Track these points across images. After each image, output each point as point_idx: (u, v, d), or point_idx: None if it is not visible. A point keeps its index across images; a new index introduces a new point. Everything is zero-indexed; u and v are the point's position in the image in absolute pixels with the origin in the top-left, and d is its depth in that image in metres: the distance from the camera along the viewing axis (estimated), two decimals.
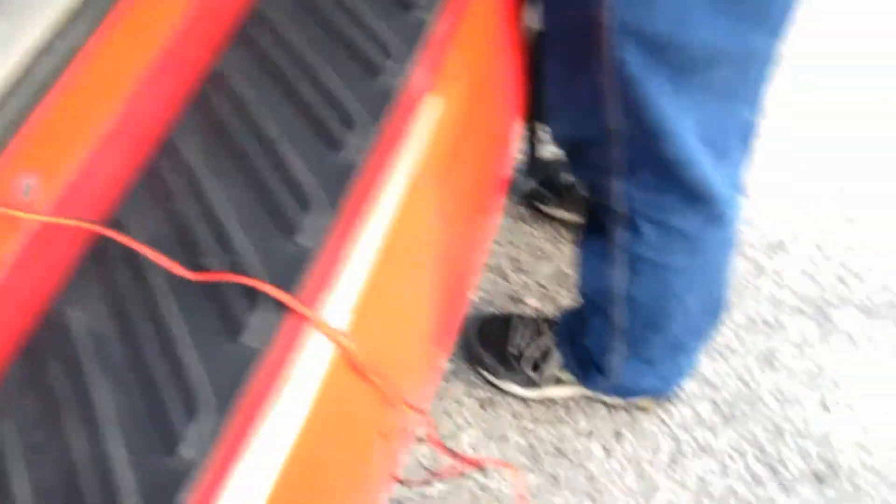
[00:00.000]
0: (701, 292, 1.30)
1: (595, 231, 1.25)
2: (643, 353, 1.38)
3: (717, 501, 1.50)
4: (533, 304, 1.71)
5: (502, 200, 1.21)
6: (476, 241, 1.07)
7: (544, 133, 1.27)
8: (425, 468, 1.50)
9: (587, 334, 1.41)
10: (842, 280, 1.72)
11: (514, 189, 1.81)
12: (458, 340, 1.62)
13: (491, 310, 1.67)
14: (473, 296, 1.74)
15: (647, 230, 1.19)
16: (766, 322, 1.68)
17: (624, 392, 1.52)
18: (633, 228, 1.19)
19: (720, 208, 1.16)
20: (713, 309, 1.36)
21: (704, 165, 1.08)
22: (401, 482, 1.42)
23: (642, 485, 1.51)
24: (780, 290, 1.71)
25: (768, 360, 1.63)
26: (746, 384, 1.61)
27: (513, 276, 1.76)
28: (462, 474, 1.47)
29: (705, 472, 1.53)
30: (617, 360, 1.39)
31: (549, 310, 1.67)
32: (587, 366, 1.46)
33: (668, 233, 1.19)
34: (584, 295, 1.36)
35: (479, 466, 1.45)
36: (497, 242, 1.80)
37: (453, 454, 1.39)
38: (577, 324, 1.44)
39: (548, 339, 1.55)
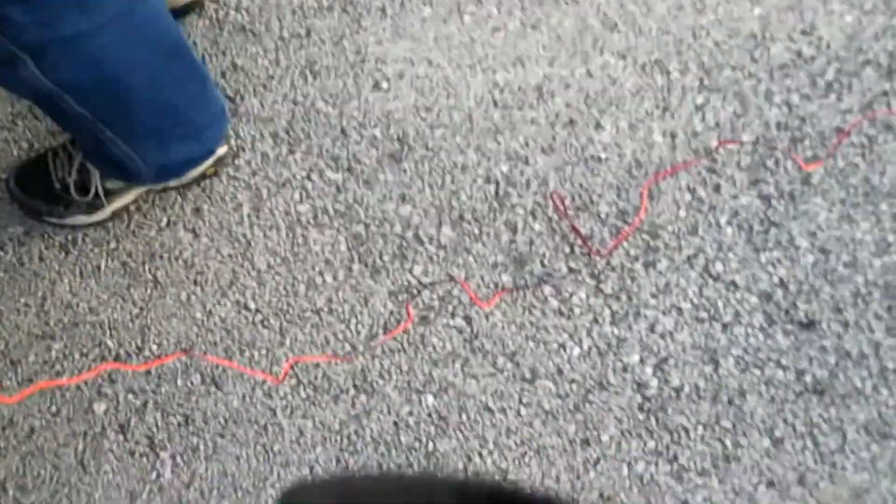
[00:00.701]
0: (140, 42, 1.19)
1: None
2: (137, 128, 1.28)
3: (309, 226, 1.48)
4: None
5: None
6: None
7: None
8: None
9: (79, 137, 1.30)
10: None
11: None
12: (10, 200, 1.50)
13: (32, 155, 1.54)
14: (15, 150, 1.59)
15: (12, 13, 1.05)
16: (297, 35, 1.59)
17: (171, 171, 1.44)
18: None
19: None
20: (173, 50, 1.25)
21: None
22: None
23: (237, 247, 1.47)
24: None
25: (311, 70, 1.57)
26: (298, 103, 1.55)
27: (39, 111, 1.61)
28: None
29: (290, 204, 1.49)
30: (123, 147, 1.30)
31: None
32: (115, 165, 1.36)
33: (35, 5, 1.06)
34: (34, 104, 1.23)
35: None
36: None
37: None
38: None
39: (80, 158, 1.44)
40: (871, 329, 1.39)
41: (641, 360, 1.39)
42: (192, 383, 1.40)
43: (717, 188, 1.47)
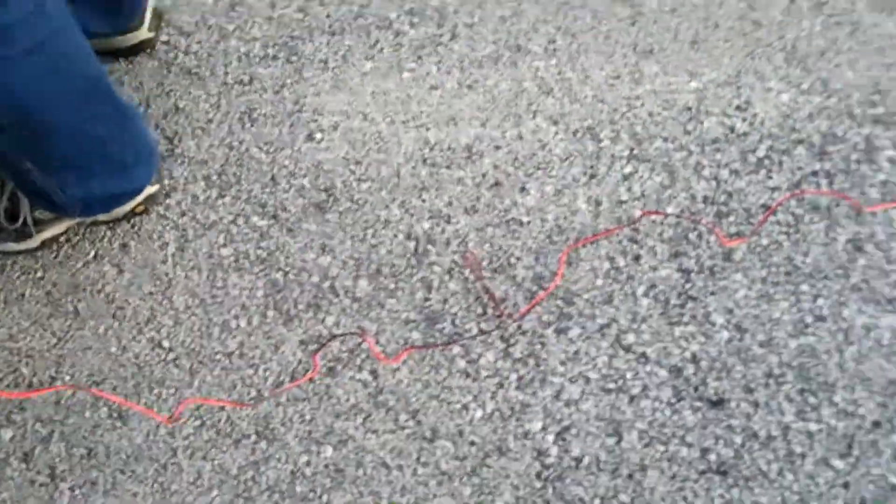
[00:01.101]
0: (57, 76, 1.22)
1: None
2: (54, 160, 1.32)
3: (230, 269, 1.49)
4: None
5: None
6: None
7: None
8: None
9: (2, 168, 1.34)
10: (302, 10, 1.67)
11: None
12: None
13: None
14: None
15: None
16: (240, 81, 1.63)
17: (96, 205, 1.47)
18: None
19: None
20: (93, 87, 1.28)
21: None
22: None
23: (159, 285, 1.49)
24: (247, 45, 1.66)
25: (249, 116, 1.60)
26: (233, 148, 1.58)
27: None
28: None
29: (213, 247, 1.51)
30: (43, 178, 1.33)
31: None
32: (38, 195, 1.40)
33: None
34: None
35: None
36: None
37: None
38: None
39: (12, 186, 1.48)
40: (781, 411, 1.38)
41: (544, 428, 1.38)
42: (99, 416, 1.42)
43: (636, 258, 1.47)
